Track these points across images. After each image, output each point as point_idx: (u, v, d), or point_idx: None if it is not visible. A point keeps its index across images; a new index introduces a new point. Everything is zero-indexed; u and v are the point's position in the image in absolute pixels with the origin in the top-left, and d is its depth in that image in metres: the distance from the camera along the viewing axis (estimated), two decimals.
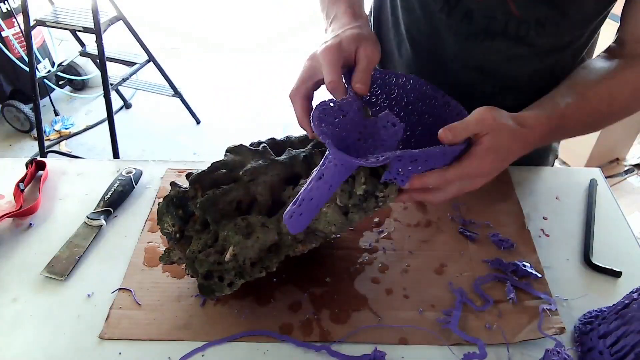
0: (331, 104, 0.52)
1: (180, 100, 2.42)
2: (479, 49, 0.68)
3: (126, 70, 2.18)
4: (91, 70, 2.62)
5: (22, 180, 0.76)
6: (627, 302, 0.54)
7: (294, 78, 0.59)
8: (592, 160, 2.09)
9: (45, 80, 2.34)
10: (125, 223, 0.72)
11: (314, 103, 0.55)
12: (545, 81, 0.68)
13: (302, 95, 0.58)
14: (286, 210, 0.52)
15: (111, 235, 0.70)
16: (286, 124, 2.43)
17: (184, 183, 0.61)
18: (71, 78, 2.58)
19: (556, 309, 0.60)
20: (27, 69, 2.03)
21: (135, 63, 2.17)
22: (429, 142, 0.54)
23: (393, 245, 0.69)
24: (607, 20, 0.68)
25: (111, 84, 2.05)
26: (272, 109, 2.60)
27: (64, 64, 2.33)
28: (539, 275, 0.64)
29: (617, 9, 0.64)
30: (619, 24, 0.63)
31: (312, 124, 0.50)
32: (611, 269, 0.65)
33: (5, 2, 2.17)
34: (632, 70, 0.59)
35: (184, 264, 0.59)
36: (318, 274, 0.64)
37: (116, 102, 2.53)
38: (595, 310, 0.60)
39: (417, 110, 0.63)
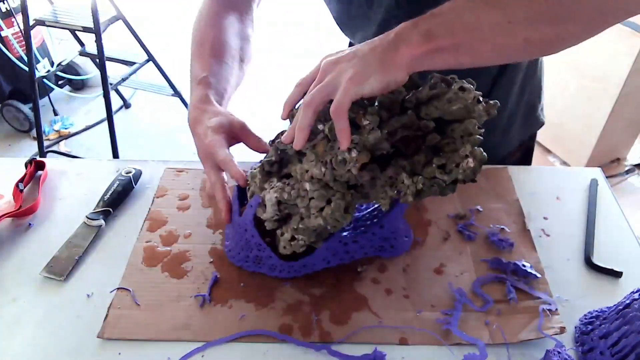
0: None
1: (180, 100, 2.42)
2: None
3: (126, 69, 2.18)
4: (90, 70, 2.62)
5: (21, 180, 0.76)
6: (628, 302, 0.54)
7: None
8: (593, 160, 2.08)
9: (45, 80, 2.33)
10: (124, 223, 0.72)
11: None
12: None
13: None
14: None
15: (110, 235, 0.70)
16: (286, 124, 2.43)
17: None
18: (70, 78, 2.58)
19: (556, 309, 0.60)
20: (27, 69, 2.03)
21: (135, 63, 2.17)
22: None
23: None
24: None
25: (111, 84, 2.05)
26: (270, 110, 2.59)
27: (64, 63, 2.33)
28: (539, 275, 0.63)
29: None
30: None
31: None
32: (612, 269, 0.65)
33: (5, 1, 2.17)
34: None
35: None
36: (317, 274, 0.64)
37: (116, 102, 2.53)
38: (596, 311, 0.60)
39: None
